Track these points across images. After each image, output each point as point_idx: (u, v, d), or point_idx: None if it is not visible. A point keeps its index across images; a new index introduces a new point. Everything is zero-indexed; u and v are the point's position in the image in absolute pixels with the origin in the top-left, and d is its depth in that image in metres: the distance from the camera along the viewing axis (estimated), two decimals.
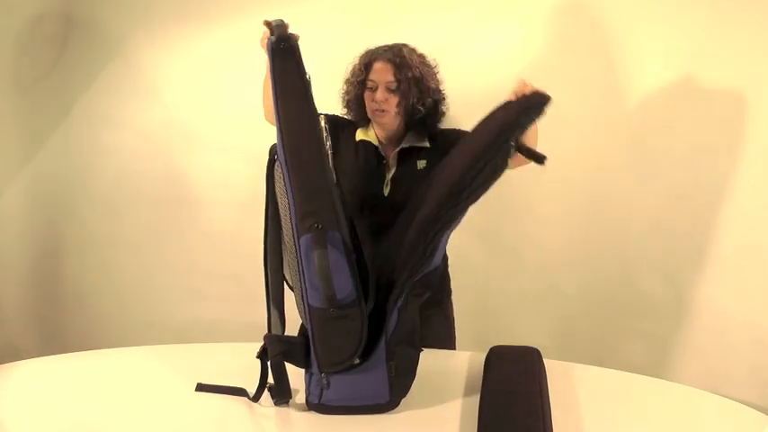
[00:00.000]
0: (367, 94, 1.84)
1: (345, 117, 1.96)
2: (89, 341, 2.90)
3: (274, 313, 1.56)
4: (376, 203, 1.86)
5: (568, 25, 2.38)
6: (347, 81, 1.90)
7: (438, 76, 1.88)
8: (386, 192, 1.86)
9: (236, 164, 2.73)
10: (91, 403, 1.52)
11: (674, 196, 2.29)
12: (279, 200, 1.49)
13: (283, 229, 1.49)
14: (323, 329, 1.43)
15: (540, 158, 1.44)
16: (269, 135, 1.51)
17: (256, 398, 1.51)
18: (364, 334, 1.40)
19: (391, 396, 1.45)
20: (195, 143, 2.81)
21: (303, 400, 1.51)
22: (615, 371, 1.65)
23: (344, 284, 1.39)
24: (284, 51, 1.41)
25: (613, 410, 1.47)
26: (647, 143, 2.32)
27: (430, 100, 1.84)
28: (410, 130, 1.89)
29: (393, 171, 1.87)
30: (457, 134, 1.86)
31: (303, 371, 1.51)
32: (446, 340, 2.00)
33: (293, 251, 1.44)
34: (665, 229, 2.32)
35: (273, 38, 1.42)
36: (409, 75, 1.78)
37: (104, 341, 2.25)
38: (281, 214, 1.48)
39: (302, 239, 1.39)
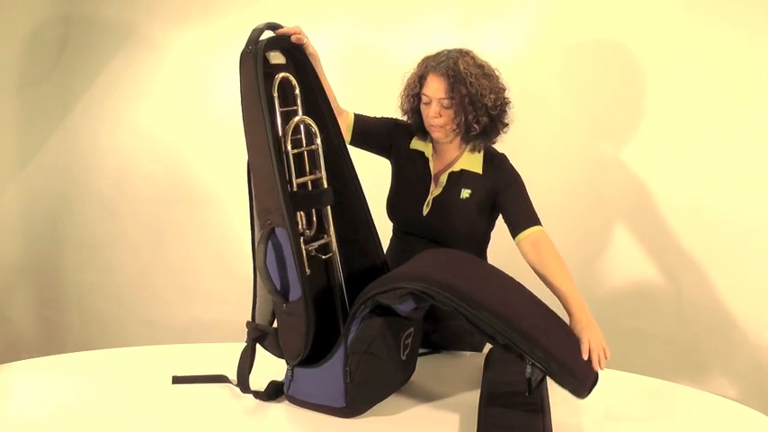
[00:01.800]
0: (422, 107, 1.74)
1: (409, 122, 1.84)
2: (89, 341, 2.90)
3: (260, 300, 1.57)
4: (412, 221, 1.79)
5: (571, 27, 2.38)
6: (404, 91, 1.79)
7: (500, 85, 1.72)
8: (425, 212, 1.76)
9: (236, 163, 2.72)
10: (91, 403, 1.52)
11: (676, 197, 2.29)
12: None
13: None
14: (281, 323, 1.48)
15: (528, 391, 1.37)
16: None
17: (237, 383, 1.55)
18: (310, 334, 1.42)
19: (346, 403, 1.42)
20: (195, 143, 2.81)
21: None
22: (615, 371, 1.65)
23: (288, 281, 1.43)
24: (247, 55, 1.46)
25: (613, 410, 1.46)
26: (649, 144, 2.32)
27: (486, 118, 1.69)
28: (468, 144, 1.76)
29: (438, 192, 1.76)
30: (507, 178, 1.74)
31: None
32: (474, 346, 1.90)
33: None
34: (666, 229, 2.32)
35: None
36: (463, 92, 1.65)
37: (104, 341, 2.26)
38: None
39: (261, 233, 1.45)
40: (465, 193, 1.74)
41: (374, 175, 1.81)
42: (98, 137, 2.89)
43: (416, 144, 1.82)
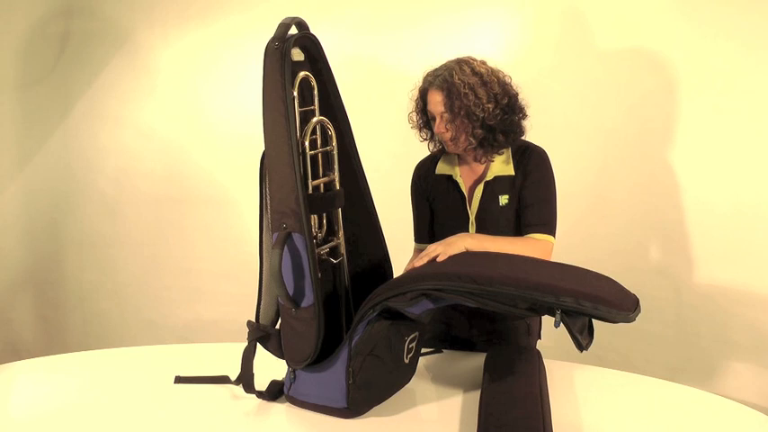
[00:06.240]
0: (432, 123, 1.70)
1: (429, 156, 1.80)
2: (89, 341, 2.91)
3: (266, 301, 1.57)
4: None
5: (570, 28, 2.38)
6: (413, 108, 1.75)
7: (498, 90, 1.64)
8: (472, 233, 1.71)
9: (237, 163, 2.73)
10: (91, 403, 1.52)
11: (676, 197, 2.29)
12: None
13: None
14: (286, 327, 1.47)
15: (579, 345, 1.36)
16: None
17: (237, 381, 1.56)
18: (319, 341, 1.41)
19: (348, 404, 1.42)
20: (196, 143, 2.81)
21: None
22: (615, 371, 1.65)
23: (303, 288, 1.41)
24: (274, 51, 1.41)
25: (613, 410, 1.46)
26: (648, 145, 2.32)
27: (480, 131, 1.63)
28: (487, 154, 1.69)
29: (476, 208, 1.71)
30: (531, 170, 1.69)
31: None
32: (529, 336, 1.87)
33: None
34: (665, 229, 2.32)
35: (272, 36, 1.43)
36: (458, 104, 1.61)
37: (104, 341, 2.26)
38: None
39: (273, 235, 1.44)
40: (503, 200, 1.70)
41: (380, 173, 1.78)
42: (99, 136, 2.90)
43: (442, 168, 1.76)
